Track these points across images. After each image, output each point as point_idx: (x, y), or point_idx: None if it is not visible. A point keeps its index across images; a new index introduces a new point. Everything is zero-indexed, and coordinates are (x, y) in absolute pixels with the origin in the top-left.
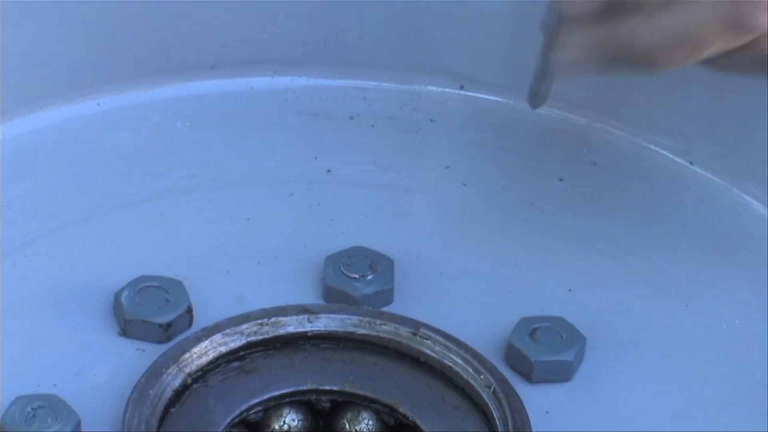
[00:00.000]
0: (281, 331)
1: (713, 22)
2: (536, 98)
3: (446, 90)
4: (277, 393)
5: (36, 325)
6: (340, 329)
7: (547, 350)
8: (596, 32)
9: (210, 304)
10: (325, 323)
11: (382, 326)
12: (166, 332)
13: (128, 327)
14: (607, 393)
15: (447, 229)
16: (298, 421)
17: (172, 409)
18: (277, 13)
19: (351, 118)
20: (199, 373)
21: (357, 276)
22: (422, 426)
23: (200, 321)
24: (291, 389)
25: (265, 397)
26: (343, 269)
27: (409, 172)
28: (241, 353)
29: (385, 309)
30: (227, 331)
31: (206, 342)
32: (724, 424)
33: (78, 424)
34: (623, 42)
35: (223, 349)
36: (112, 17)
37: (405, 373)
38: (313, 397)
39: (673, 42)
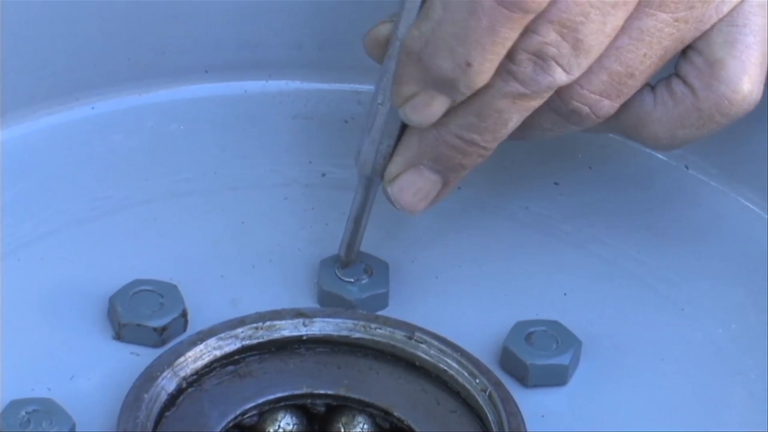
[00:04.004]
0: (276, 335)
1: (503, 98)
2: (350, 252)
3: None
4: (272, 397)
5: (30, 329)
6: (335, 333)
7: (542, 354)
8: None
9: (204, 307)
10: (320, 327)
11: (377, 330)
12: (160, 336)
13: (123, 331)
14: (602, 397)
15: (442, 233)
16: (293, 425)
17: (167, 413)
18: (272, 16)
19: (346, 121)
20: (194, 377)
21: (352, 280)
22: (417, 430)
23: (195, 325)
24: (286, 393)
25: (260, 401)
26: (338, 273)
27: None
28: (236, 357)
29: (380, 313)
30: (222, 335)
31: (201, 346)
32: (721, 428)
33: (72, 427)
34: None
35: (218, 353)
36: (107, 20)
37: (400, 377)
38: (308, 401)
39: (472, 125)
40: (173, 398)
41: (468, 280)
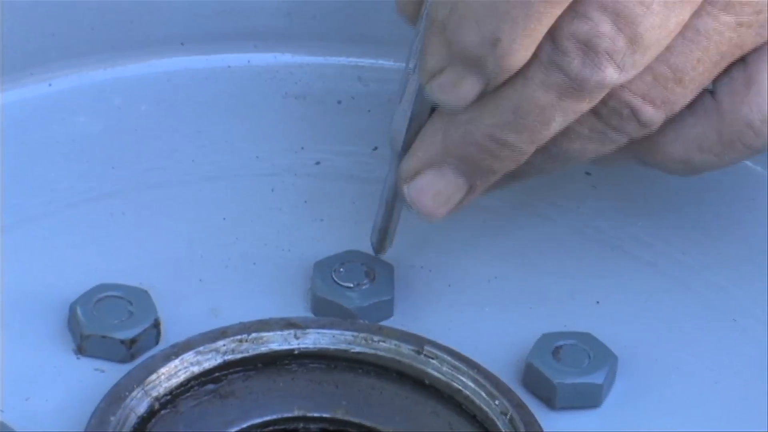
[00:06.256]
0: (263, 349)
1: (545, 92)
2: (382, 241)
3: None
4: (258, 420)
5: None
6: (332, 347)
7: (572, 371)
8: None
9: (180, 317)
10: (314, 340)
11: (381, 343)
12: (129, 350)
13: (85, 344)
14: (641, 421)
15: (456, 232)
16: None
17: None
18: None
19: (339, 102)
20: (168, 397)
21: (351, 285)
22: None
23: (169, 337)
24: (274, 416)
25: (245, 425)
26: (334, 277)
27: None
28: (217, 374)
29: (383, 323)
30: (200, 348)
31: (176, 361)
32: None
33: None
34: (463, 137)
35: (196, 370)
36: None
37: (407, 398)
38: (301, 425)
39: (508, 123)
40: (144, 421)
41: (485, 286)
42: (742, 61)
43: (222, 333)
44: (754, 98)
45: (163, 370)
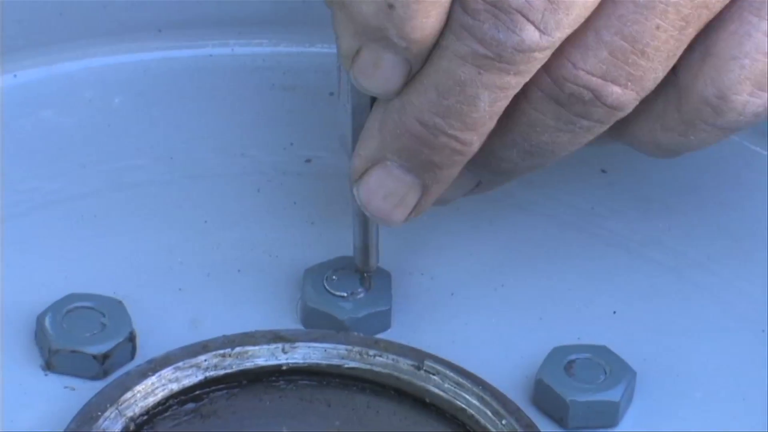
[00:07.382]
0: (248, 365)
1: (462, 64)
2: (365, 258)
3: None
4: None
5: None
6: (324, 362)
7: (586, 388)
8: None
9: (158, 329)
10: (303, 354)
11: (377, 358)
12: (102, 365)
13: (54, 359)
14: None
15: (458, 236)
16: None
17: None
18: None
19: (333, 94)
20: (145, 417)
21: (344, 294)
22: None
23: (145, 351)
24: None
25: None
26: (326, 286)
27: None
28: (198, 392)
29: (380, 336)
30: (180, 364)
31: (153, 378)
32: None
33: None
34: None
35: (175, 387)
36: None
37: (406, 417)
38: None
39: (432, 104)
40: None
41: (491, 295)
42: (702, 32)
43: (203, 347)
44: (709, 71)
45: (138, 387)
